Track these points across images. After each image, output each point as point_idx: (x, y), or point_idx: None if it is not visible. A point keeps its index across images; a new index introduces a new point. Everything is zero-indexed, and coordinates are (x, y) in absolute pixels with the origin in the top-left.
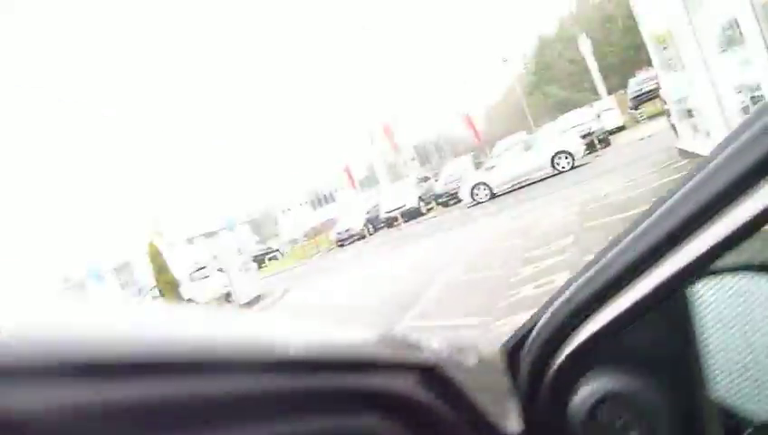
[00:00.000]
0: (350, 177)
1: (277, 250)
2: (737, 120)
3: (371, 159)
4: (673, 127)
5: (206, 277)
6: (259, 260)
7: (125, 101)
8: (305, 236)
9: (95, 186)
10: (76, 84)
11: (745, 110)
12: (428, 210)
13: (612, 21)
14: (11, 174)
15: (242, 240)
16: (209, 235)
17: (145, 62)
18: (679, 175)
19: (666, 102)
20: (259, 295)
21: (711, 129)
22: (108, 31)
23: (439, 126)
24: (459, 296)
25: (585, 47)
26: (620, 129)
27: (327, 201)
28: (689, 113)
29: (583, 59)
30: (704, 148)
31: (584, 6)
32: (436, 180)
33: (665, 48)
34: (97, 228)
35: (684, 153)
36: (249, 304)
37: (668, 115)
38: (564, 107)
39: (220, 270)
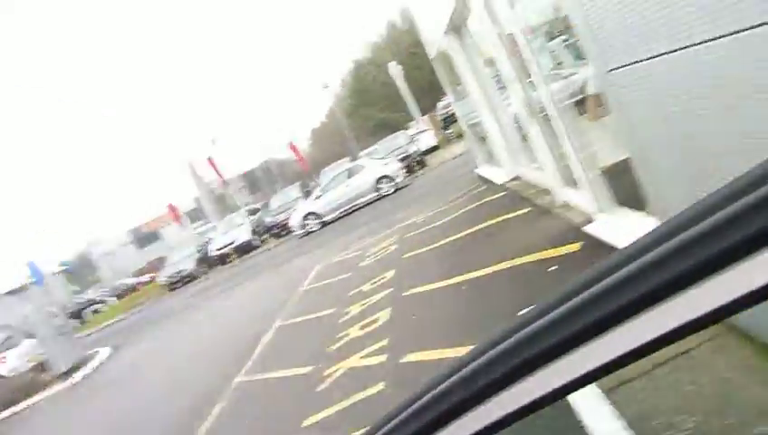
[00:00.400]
0: (175, 212)
1: (100, 301)
2: (520, 148)
3: (197, 191)
4: (472, 151)
5: (14, 347)
6: (79, 315)
7: None
8: (132, 276)
9: None
10: None
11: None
12: (262, 242)
13: (418, 46)
14: None
15: (56, 294)
16: (14, 292)
17: None
18: (480, 202)
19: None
20: (83, 359)
21: (499, 158)
22: None
23: (267, 152)
24: (292, 342)
25: (395, 72)
26: (435, 148)
27: (152, 239)
28: (483, 140)
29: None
30: (496, 176)
31: (393, 33)
32: (267, 211)
33: (458, 85)
34: None
35: (482, 179)
36: (68, 373)
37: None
38: (384, 128)
39: (31, 336)
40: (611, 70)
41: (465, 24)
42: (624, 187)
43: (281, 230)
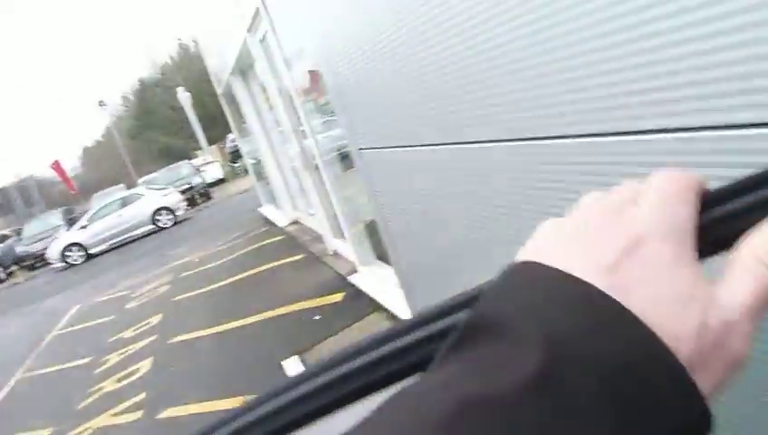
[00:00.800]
0: None
1: None
2: (299, 193)
3: None
4: (256, 189)
5: None
6: None
7: None
8: None
9: None
10: None
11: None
12: (9, 275)
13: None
14: None
15: None
16: None
17: None
18: (258, 244)
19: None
20: None
21: (281, 200)
22: None
23: (26, 168)
24: (34, 399)
25: (184, 98)
26: (222, 181)
27: None
28: (266, 180)
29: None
30: (277, 217)
31: (185, 56)
32: (20, 239)
33: (244, 123)
34: None
35: (264, 219)
36: None
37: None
38: (168, 154)
39: None
40: (360, 148)
41: (252, 69)
42: (381, 242)
43: (36, 262)
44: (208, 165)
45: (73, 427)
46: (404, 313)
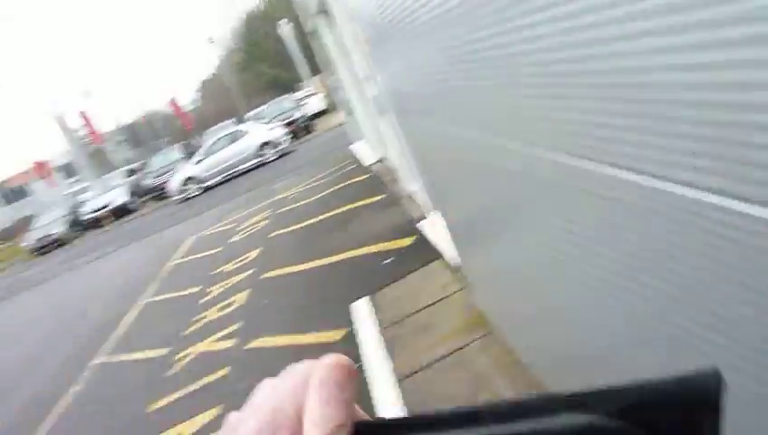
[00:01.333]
0: (43, 168)
1: None
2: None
3: (68, 145)
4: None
5: None
6: None
7: None
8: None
9: None
10: None
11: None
12: (142, 205)
13: None
14: None
15: None
16: None
17: None
18: (346, 183)
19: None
20: None
21: (368, 138)
22: None
23: (150, 104)
24: (153, 322)
25: (286, 30)
26: (324, 112)
27: (19, 196)
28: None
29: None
30: (365, 155)
31: None
32: (147, 172)
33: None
34: None
35: (354, 156)
36: None
37: None
38: (275, 86)
39: None
40: (403, 109)
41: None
42: None
43: (161, 193)
44: (311, 97)
45: (181, 350)
46: (456, 261)
